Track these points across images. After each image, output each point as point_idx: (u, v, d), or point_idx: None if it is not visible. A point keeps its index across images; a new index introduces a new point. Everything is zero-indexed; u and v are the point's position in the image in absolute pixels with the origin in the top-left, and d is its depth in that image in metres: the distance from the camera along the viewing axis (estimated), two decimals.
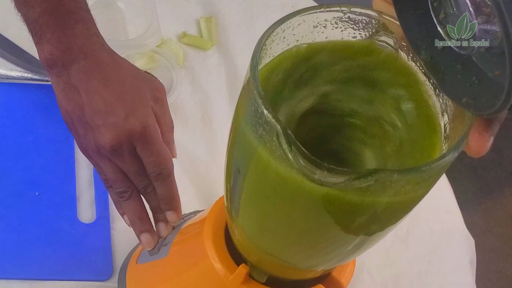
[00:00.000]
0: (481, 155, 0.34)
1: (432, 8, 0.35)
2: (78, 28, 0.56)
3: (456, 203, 0.83)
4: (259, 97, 0.34)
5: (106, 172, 0.58)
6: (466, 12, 0.32)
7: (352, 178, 0.32)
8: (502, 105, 0.30)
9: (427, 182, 0.36)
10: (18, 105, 0.75)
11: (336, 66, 0.40)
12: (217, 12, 0.90)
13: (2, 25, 0.79)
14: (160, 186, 0.57)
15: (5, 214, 0.67)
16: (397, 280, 0.75)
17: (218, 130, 0.80)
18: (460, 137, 0.35)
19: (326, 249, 0.42)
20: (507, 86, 0.29)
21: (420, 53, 0.36)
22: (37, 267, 0.65)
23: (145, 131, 0.55)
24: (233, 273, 0.48)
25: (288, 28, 0.38)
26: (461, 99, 0.34)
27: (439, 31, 0.35)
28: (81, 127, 0.57)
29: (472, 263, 0.79)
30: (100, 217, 0.69)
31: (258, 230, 0.44)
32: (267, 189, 0.37)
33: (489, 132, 0.34)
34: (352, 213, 0.36)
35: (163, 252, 0.57)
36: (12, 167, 0.70)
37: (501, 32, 0.28)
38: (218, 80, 0.84)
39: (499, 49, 0.32)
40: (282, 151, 0.33)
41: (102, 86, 0.56)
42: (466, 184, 1.71)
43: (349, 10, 0.38)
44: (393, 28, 0.38)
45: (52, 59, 0.56)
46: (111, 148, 0.55)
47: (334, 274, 0.51)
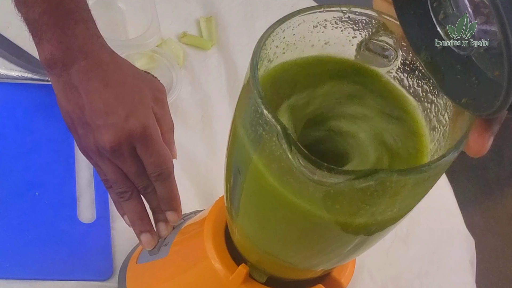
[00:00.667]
0: (481, 155, 0.34)
1: (432, 8, 0.35)
2: (78, 28, 0.56)
3: (456, 203, 0.83)
4: (259, 97, 0.34)
5: (106, 172, 0.58)
6: (465, 12, 0.32)
7: (352, 178, 0.32)
8: (501, 106, 0.30)
9: (427, 182, 0.36)
10: (18, 105, 0.75)
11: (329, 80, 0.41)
12: (217, 12, 0.90)
13: (2, 25, 0.79)
14: (160, 186, 0.57)
15: (5, 214, 0.67)
16: (397, 280, 0.75)
17: (218, 130, 0.80)
18: (460, 137, 0.35)
19: (326, 249, 0.42)
20: (505, 87, 0.29)
21: (420, 54, 0.36)
22: (37, 267, 0.65)
23: (145, 132, 0.55)
24: (233, 273, 0.48)
25: (288, 28, 0.38)
26: (460, 99, 0.34)
27: (439, 31, 0.35)
28: (81, 128, 0.57)
29: (472, 263, 0.79)
30: (100, 217, 0.69)
31: (258, 230, 0.44)
32: (267, 189, 0.37)
33: (489, 133, 0.34)
34: (352, 214, 0.36)
35: (163, 252, 0.57)
36: (12, 167, 0.70)
37: (499, 33, 0.28)
38: (218, 80, 0.84)
39: (498, 49, 0.32)
40: (282, 151, 0.33)
41: (102, 86, 0.56)
42: (466, 184, 1.71)
43: (349, 10, 0.38)
44: (393, 28, 0.38)
45: (53, 59, 0.56)
46: (111, 148, 0.55)
47: (334, 274, 0.51)
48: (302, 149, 0.32)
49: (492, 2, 0.27)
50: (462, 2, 0.32)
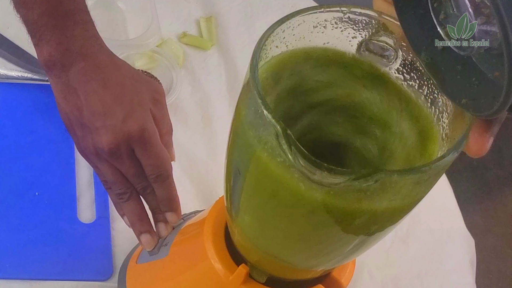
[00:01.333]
0: (481, 155, 0.34)
1: (432, 8, 0.35)
2: (77, 29, 0.56)
3: (456, 203, 0.83)
4: (259, 97, 0.34)
5: (105, 174, 0.58)
6: (466, 12, 0.32)
7: (352, 179, 0.32)
8: (501, 106, 0.30)
9: (427, 182, 0.36)
10: (18, 105, 0.75)
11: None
12: (217, 12, 0.90)
13: (2, 25, 0.79)
14: (159, 188, 0.57)
15: (5, 214, 0.67)
16: (397, 280, 0.75)
17: (218, 130, 0.80)
18: (460, 137, 0.35)
19: (326, 249, 0.42)
20: (505, 87, 0.29)
21: (420, 54, 0.36)
22: (37, 267, 0.65)
23: (143, 134, 0.55)
24: (233, 273, 0.48)
25: (288, 28, 0.38)
26: (460, 99, 0.34)
27: (439, 31, 0.35)
28: (80, 129, 0.57)
29: (472, 263, 0.79)
30: (100, 217, 0.69)
31: (258, 230, 0.44)
32: (267, 189, 0.37)
33: (489, 133, 0.34)
34: (352, 214, 0.36)
35: (163, 252, 0.57)
36: (12, 167, 0.70)
37: (500, 34, 0.28)
38: (218, 80, 0.84)
39: (498, 50, 0.32)
40: (282, 151, 0.33)
41: (101, 88, 0.55)
42: (466, 184, 1.71)
43: (349, 10, 0.38)
44: (393, 28, 0.38)
45: (51, 60, 0.56)
46: (109, 150, 0.55)
47: (334, 274, 0.51)
48: (302, 150, 0.32)
49: (493, 2, 0.27)
50: (462, 2, 0.32)
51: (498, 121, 0.34)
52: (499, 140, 0.34)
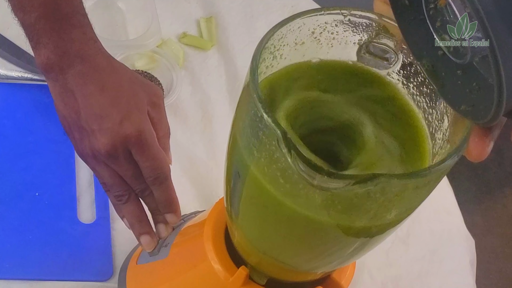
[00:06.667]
0: (481, 160, 0.34)
1: (428, 16, 0.35)
2: (75, 32, 0.56)
3: (456, 203, 0.83)
4: (258, 101, 0.34)
5: (103, 176, 0.58)
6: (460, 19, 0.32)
7: (352, 183, 0.32)
8: (494, 116, 0.30)
9: (427, 186, 0.36)
10: (18, 105, 0.75)
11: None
12: (217, 13, 0.90)
13: (2, 25, 0.79)
14: (158, 190, 0.57)
15: (5, 214, 0.67)
16: (397, 281, 0.75)
17: (218, 130, 0.80)
18: (460, 141, 0.35)
19: (326, 251, 0.42)
20: (496, 97, 0.29)
21: (421, 60, 0.36)
22: (37, 267, 0.65)
23: (140, 136, 0.55)
24: (233, 275, 0.48)
25: (288, 31, 0.38)
26: (460, 106, 0.34)
27: (436, 39, 0.35)
28: (77, 132, 0.57)
29: (472, 263, 0.79)
30: (100, 217, 0.69)
31: (258, 232, 0.44)
32: (267, 192, 0.37)
33: (489, 137, 0.34)
34: (352, 218, 0.36)
35: (163, 253, 0.57)
36: (12, 167, 0.70)
37: (488, 49, 0.28)
38: (218, 81, 0.84)
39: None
40: (282, 155, 0.33)
41: (98, 90, 0.55)
42: (466, 184, 1.71)
43: (349, 13, 0.38)
44: (393, 31, 0.38)
45: (49, 63, 0.56)
46: (107, 153, 0.55)
47: (334, 276, 0.51)
48: (301, 154, 0.32)
49: (476, 14, 0.27)
50: (458, 9, 0.32)
51: (498, 125, 0.34)
52: (499, 140, 0.34)
